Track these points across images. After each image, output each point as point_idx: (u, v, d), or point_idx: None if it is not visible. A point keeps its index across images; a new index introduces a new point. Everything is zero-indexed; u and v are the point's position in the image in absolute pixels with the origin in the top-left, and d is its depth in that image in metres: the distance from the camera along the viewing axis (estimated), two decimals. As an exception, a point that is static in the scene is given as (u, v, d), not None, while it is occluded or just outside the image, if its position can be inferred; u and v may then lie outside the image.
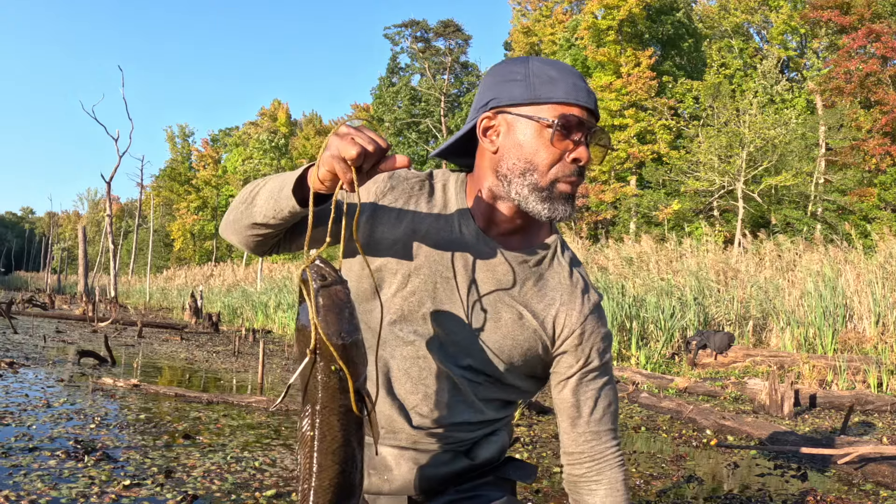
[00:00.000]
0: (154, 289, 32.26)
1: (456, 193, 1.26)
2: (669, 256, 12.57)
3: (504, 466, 1.35)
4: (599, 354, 1.26)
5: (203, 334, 13.44)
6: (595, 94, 1.19)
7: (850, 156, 21.59)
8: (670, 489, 3.50)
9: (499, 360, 1.22)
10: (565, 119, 1.12)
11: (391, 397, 1.24)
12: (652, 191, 25.37)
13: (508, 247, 1.24)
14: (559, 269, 1.26)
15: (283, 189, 1.09)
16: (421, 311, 1.21)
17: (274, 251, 1.27)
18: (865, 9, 22.58)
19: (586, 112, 1.14)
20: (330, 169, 0.97)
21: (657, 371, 7.83)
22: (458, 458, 1.28)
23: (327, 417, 0.91)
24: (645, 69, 26.08)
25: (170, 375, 7.26)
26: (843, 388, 6.49)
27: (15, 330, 10.88)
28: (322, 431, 0.91)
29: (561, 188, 1.15)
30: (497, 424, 1.33)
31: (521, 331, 1.22)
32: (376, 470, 1.25)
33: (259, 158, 45.71)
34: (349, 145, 0.95)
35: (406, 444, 1.25)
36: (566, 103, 1.13)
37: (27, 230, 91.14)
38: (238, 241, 1.24)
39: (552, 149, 1.13)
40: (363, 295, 1.25)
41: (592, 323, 1.25)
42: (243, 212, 1.19)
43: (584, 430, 1.26)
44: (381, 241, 1.22)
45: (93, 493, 2.91)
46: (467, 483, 1.29)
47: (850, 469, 3.83)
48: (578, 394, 1.25)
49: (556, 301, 1.24)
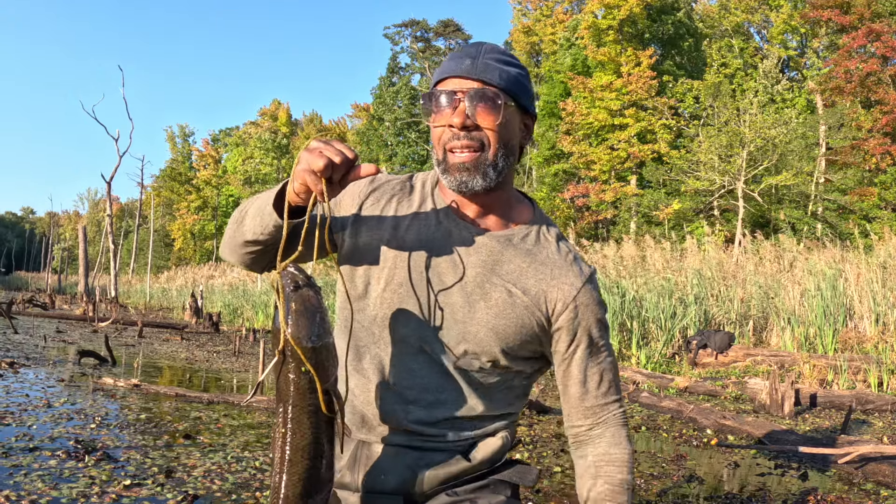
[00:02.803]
0: (154, 289, 32.25)
1: (432, 188, 1.31)
2: (670, 256, 12.56)
3: (504, 470, 1.33)
4: (599, 326, 1.27)
5: (203, 334, 13.44)
6: (491, 61, 1.19)
7: (850, 155, 21.57)
8: (671, 489, 3.50)
9: (494, 341, 1.22)
10: (430, 94, 1.20)
11: (388, 392, 1.24)
12: (652, 190, 25.35)
13: (488, 228, 1.26)
14: (546, 245, 1.28)
15: (265, 207, 1.16)
16: (412, 303, 1.23)
17: (271, 266, 1.31)
18: (865, 8, 22.57)
19: (460, 79, 1.18)
20: (302, 182, 1.04)
21: (657, 370, 7.82)
22: (455, 459, 1.26)
23: (297, 415, 0.97)
24: (645, 69, 26.05)
25: (170, 375, 7.26)
26: (843, 387, 6.49)
27: (15, 330, 10.88)
28: (293, 428, 0.97)
29: (451, 159, 1.19)
30: (496, 423, 1.31)
31: (513, 308, 1.22)
32: (372, 469, 1.24)
33: (260, 158, 45.72)
34: (317, 158, 1.02)
35: (403, 443, 1.24)
36: (439, 81, 1.21)
37: (27, 230, 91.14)
38: (236, 260, 1.31)
39: (433, 125, 1.21)
40: (355, 294, 1.28)
41: (587, 295, 1.25)
42: (235, 231, 1.26)
43: (593, 403, 1.28)
44: (367, 245, 1.26)
45: (93, 493, 2.91)
46: (464, 486, 1.28)
47: (851, 469, 3.83)
48: (585, 370, 1.27)
49: (547, 276, 1.24)
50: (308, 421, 0.98)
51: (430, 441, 1.25)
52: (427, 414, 1.24)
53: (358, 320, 1.27)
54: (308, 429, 0.98)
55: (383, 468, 1.24)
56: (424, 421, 1.24)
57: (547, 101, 30.30)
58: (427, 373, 1.23)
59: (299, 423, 0.98)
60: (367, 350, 1.26)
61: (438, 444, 1.26)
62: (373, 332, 1.26)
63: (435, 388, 1.24)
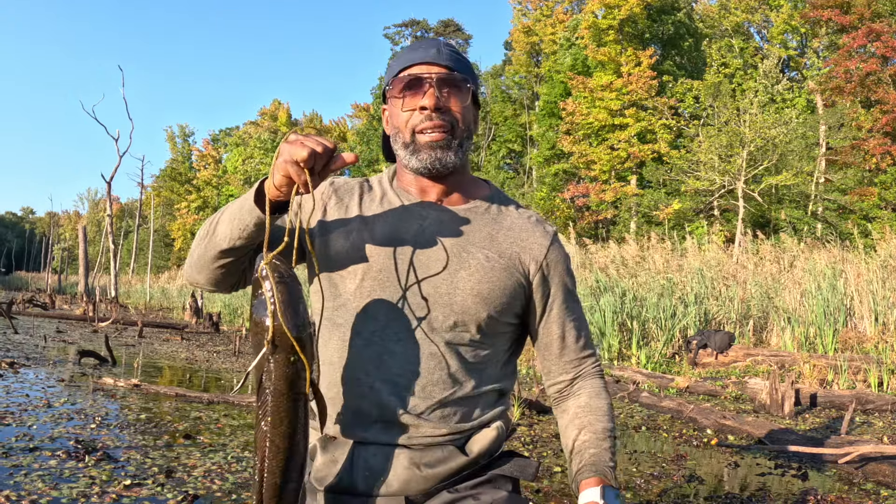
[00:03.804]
0: (154, 289, 32.25)
1: (389, 180, 1.36)
2: (670, 256, 12.56)
3: (504, 463, 1.33)
4: (570, 277, 1.38)
5: (203, 334, 13.44)
6: (451, 51, 1.28)
7: (850, 155, 21.57)
8: (671, 489, 3.50)
9: (482, 306, 1.26)
10: (400, 82, 1.25)
11: (379, 383, 1.23)
12: (652, 190, 25.35)
13: (452, 205, 1.32)
14: (507, 213, 1.36)
15: (243, 207, 1.18)
16: (393, 288, 1.25)
17: (240, 284, 1.33)
18: (865, 8, 22.57)
19: (428, 65, 1.25)
20: (284, 174, 1.05)
21: (658, 370, 7.82)
22: (453, 454, 1.26)
23: (284, 404, 1.01)
24: (645, 69, 26.05)
25: (170, 375, 7.26)
26: (843, 387, 6.48)
27: (15, 330, 10.88)
28: (280, 416, 1.01)
29: (421, 139, 1.24)
30: (492, 411, 1.31)
31: (493, 272, 1.28)
32: (372, 472, 1.23)
33: (260, 158, 45.72)
34: (299, 148, 1.03)
35: (401, 442, 1.24)
36: (405, 68, 1.26)
37: (28, 230, 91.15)
38: (205, 279, 1.30)
39: (402, 109, 1.25)
40: (334, 292, 1.29)
41: (556, 252, 1.35)
42: (206, 245, 1.25)
43: (572, 357, 1.38)
44: (338, 242, 1.29)
45: (93, 493, 2.91)
46: (464, 482, 1.27)
47: (851, 468, 3.83)
48: (564, 324, 1.36)
49: (517, 239, 1.32)
50: (294, 409, 1.01)
51: (428, 436, 1.24)
52: (421, 401, 1.23)
53: (339, 316, 1.28)
54: (294, 417, 1.02)
55: (383, 470, 1.23)
56: (419, 409, 1.23)
57: (547, 101, 30.29)
58: (416, 357, 1.24)
59: (286, 412, 1.01)
60: (352, 344, 1.26)
61: (436, 439, 1.25)
62: (356, 326, 1.26)
63: (426, 371, 1.24)
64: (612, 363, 8.11)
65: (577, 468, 1.28)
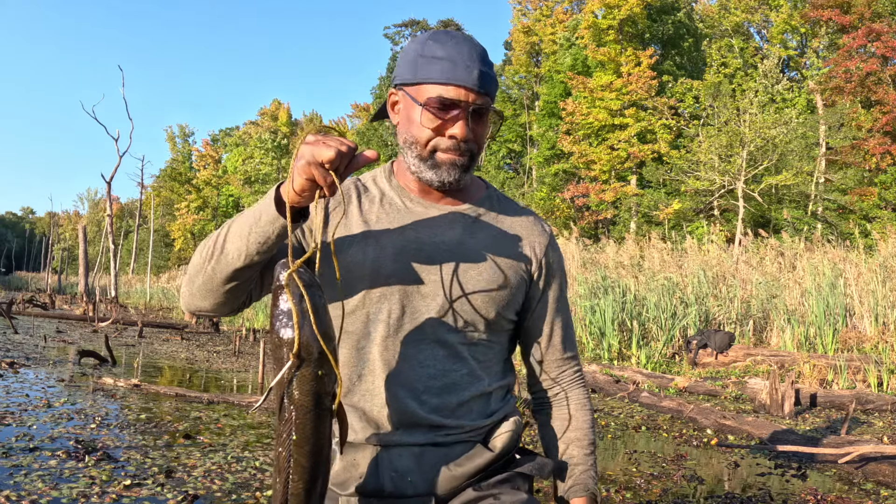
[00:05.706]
0: (154, 289, 32.24)
1: (386, 178, 1.34)
2: (670, 256, 12.56)
3: (523, 462, 1.33)
4: (563, 279, 1.39)
5: (203, 334, 13.44)
6: (488, 70, 1.22)
7: (850, 155, 21.58)
8: (671, 489, 3.50)
9: (492, 305, 1.27)
10: (435, 101, 1.17)
11: (399, 389, 1.22)
12: (652, 190, 25.36)
13: (453, 205, 1.31)
14: (508, 211, 1.37)
15: (260, 218, 1.10)
16: (402, 292, 1.23)
17: (246, 304, 1.26)
18: (865, 8, 22.58)
19: (467, 90, 1.18)
20: (308, 177, 0.99)
21: (658, 370, 7.82)
22: (477, 450, 1.27)
23: (311, 419, 0.95)
24: (645, 69, 26.05)
25: (170, 375, 7.26)
26: (843, 387, 6.49)
27: (15, 330, 10.88)
28: (301, 435, 0.94)
29: (442, 157, 1.22)
30: (506, 406, 1.33)
31: (499, 270, 1.29)
32: (397, 473, 1.22)
33: (260, 158, 45.71)
34: (323, 149, 0.97)
35: (425, 441, 1.23)
36: (441, 83, 1.18)
37: (27, 230, 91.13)
38: (211, 304, 1.21)
39: (427, 126, 1.20)
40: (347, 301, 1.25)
41: (554, 251, 1.37)
42: (214, 267, 1.16)
43: (555, 357, 1.39)
44: (342, 248, 1.25)
45: (93, 493, 2.91)
46: (486, 480, 1.28)
47: (851, 468, 3.83)
48: (552, 323, 1.37)
49: (518, 237, 1.33)
50: (320, 427, 0.96)
51: (451, 434, 1.24)
52: (441, 401, 1.23)
53: (350, 323, 1.25)
54: (320, 435, 0.97)
55: (409, 470, 1.22)
56: (440, 409, 1.23)
57: (547, 101, 30.29)
58: (432, 359, 1.23)
59: (312, 430, 0.95)
60: (365, 351, 1.25)
61: (460, 437, 1.25)
62: (368, 332, 1.24)
63: (442, 373, 1.24)
64: (612, 363, 8.11)
65: (570, 485, 1.35)
